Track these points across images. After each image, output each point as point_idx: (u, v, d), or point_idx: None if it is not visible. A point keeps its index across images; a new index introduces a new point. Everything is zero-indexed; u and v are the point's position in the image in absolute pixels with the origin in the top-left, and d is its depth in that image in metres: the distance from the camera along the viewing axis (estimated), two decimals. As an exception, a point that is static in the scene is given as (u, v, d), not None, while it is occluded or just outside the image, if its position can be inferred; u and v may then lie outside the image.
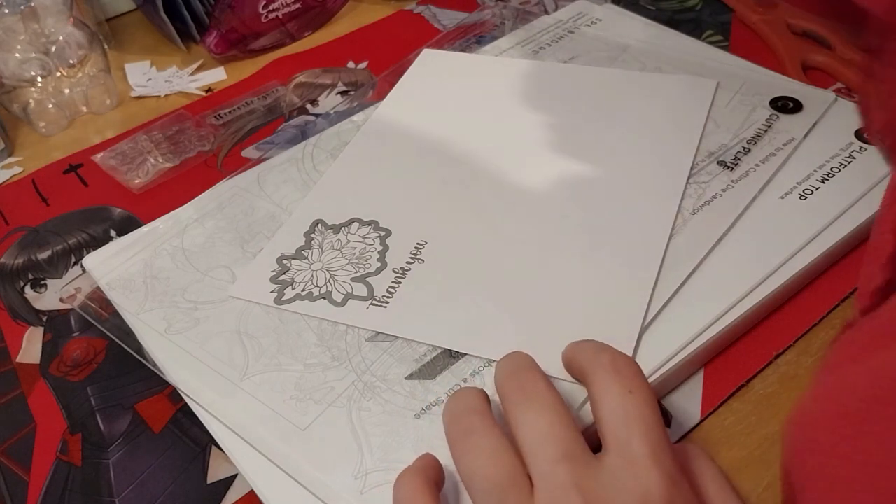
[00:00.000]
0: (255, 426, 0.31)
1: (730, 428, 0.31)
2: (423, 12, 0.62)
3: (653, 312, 0.34)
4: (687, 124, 0.44)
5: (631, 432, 0.25)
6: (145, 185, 0.47)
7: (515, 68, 0.50)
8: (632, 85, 0.47)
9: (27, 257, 0.44)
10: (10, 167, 0.51)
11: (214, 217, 0.42)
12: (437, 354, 0.33)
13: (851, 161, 0.40)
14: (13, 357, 0.38)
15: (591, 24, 0.54)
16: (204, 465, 0.33)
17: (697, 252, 0.36)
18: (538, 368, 0.29)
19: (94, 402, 0.36)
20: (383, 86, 0.51)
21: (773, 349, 0.34)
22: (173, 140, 0.50)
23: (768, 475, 0.30)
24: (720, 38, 0.54)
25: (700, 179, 0.40)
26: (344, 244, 0.39)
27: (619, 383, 0.26)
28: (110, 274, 0.39)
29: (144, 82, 0.57)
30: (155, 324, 0.36)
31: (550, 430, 0.26)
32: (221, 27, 0.57)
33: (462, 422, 0.27)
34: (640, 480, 0.24)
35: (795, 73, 0.48)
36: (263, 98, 0.54)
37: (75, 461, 0.33)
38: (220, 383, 0.33)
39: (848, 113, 0.44)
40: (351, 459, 0.30)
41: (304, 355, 0.34)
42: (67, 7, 0.52)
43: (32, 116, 0.52)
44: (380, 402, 0.32)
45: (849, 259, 0.37)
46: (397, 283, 0.36)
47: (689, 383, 0.33)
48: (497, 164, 0.43)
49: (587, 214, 0.39)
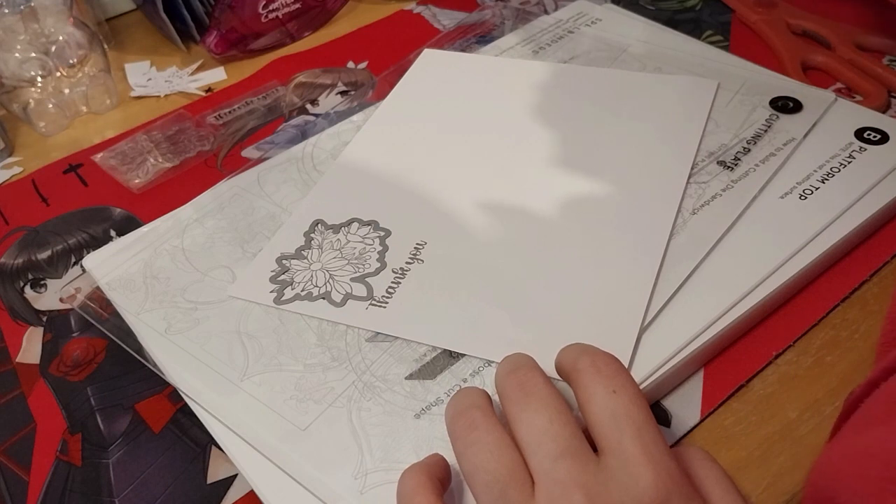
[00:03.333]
0: (255, 426, 0.31)
1: (730, 428, 0.31)
2: (423, 12, 0.62)
3: (653, 312, 0.34)
4: (687, 124, 0.44)
5: (622, 433, 0.25)
6: (145, 185, 0.47)
7: (515, 68, 0.50)
8: (632, 85, 0.47)
9: (27, 257, 0.44)
10: (10, 167, 0.51)
11: (214, 217, 0.42)
12: (437, 354, 0.33)
13: (851, 161, 0.40)
14: (13, 357, 0.38)
15: (591, 24, 0.54)
16: (204, 465, 0.33)
17: (697, 252, 0.36)
18: (538, 367, 0.29)
19: (94, 402, 0.36)
20: (383, 86, 0.51)
21: (773, 349, 0.34)
22: (173, 140, 0.50)
23: (768, 475, 0.30)
24: (720, 38, 0.54)
25: (700, 179, 0.40)
26: (344, 244, 0.39)
27: (602, 384, 0.26)
28: (110, 274, 0.39)
29: (144, 82, 0.57)
30: (155, 324, 0.36)
31: (550, 428, 0.26)
32: (221, 27, 0.57)
33: (464, 418, 0.27)
34: (636, 479, 0.24)
35: (795, 73, 0.48)
36: (263, 98, 0.54)
37: (75, 461, 0.33)
38: (220, 383, 0.33)
39: (848, 113, 0.44)
40: (351, 459, 0.30)
41: (304, 355, 0.34)
42: (67, 7, 0.52)
43: (32, 116, 0.52)
44: (380, 402, 0.32)
45: (849, 259, 0.37)
46: (397, 284, 0.36)
47: (689, 383, 0.33)
48: (497, 164, 0.43)
49: (587, 214, 0.39)
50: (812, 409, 0.32)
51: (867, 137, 0.41)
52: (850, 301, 0.36)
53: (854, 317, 0.35)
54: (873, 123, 0.42)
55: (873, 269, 0.37)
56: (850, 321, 0.35)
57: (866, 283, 0.36)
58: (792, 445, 0.31)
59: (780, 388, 0.33)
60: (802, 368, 0.33)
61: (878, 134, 0.41)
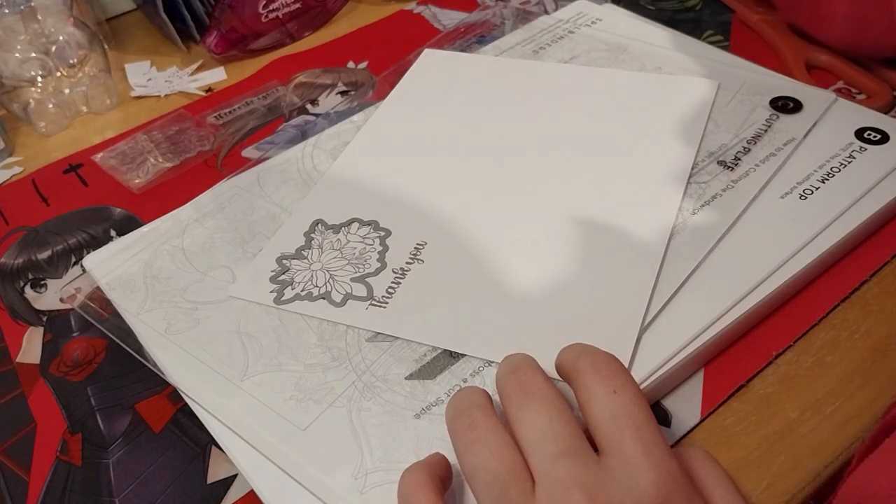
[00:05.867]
0: (255, 426, 0.31)
1: (730, 428, 0.31)
2: (423, 12, 0.62)
3: (653, 312, 0.34)
4: (688, 125, 0.44)
5: (622, 433, 0.25)
6: (145, 185, 0.47)
7: (515, 68, 0.50)
8: (632, 85, 0.47)
9: (27, 257, 0.44)
10: (10, 167, 0.51)
11: (214, 217, 0.42)
12: (437, 354, 0.33)
13: (851, 161, 0.40)
14: (13, 357, 0.38)
15: (591, 24, 0.54)
16: (204, 465, 0.33)
17: (697, 252, 0.36)
18: (538, 367, 0.29)
19: (94, 402, 0.36)
20: (383, 86, 0.51)
21: (773, 349, 0.34)
22: (173, 140, 0.50)
23: (768, 475, 0.30)
24: (720, 38, 0.54)
25: (700, 179, 0.40)
26: (344, 244, 0.39)
27: (602, 384, 0.26)
28: (110, 274, 0.39)
29: (144, 82, 0.57)
30: (155, 324, 0.36)
31: (550, 427, 0.26)
32: (221, 27, 0.57)
33: (464, 417, 0.27)
34: (636, 479, 0.24)
35: (800, 73, 0.48)
36: (263, 98, 0.54)
37: (75, 461, 0.33)
38: (220, 383, 0.33)
39: (848, 113, 0.44)
40: (351, 459, 0.30)
41: (304, 355, 0.34)
42: (67, 7, 0.52)
43: (32, 116, 0.52)
44: (380, 403, 0.32)
45: (849, 259, 0.37)
46: (397, 284, 0.36)
47: (689, 383, 0.33)
48: (497, 164, 0.43)
49: (587, 214, 0.39)
50: (812, 409, 0.32)
51: (867, 137, 0.41)
52: (850, 301, 0.36)
53: (854, 317, 0.35)
54: (874, 123, 0.42)
55: (873, 269, 0.37)
56: (850, 321, 0.35)
57: (866, 283, 0.36)
58: (792, 445, 0.31)
59: (780, 388, 0.33)
60: (802, 368, 0.33)
61: (878, 134, 0.41)
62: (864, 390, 0.32)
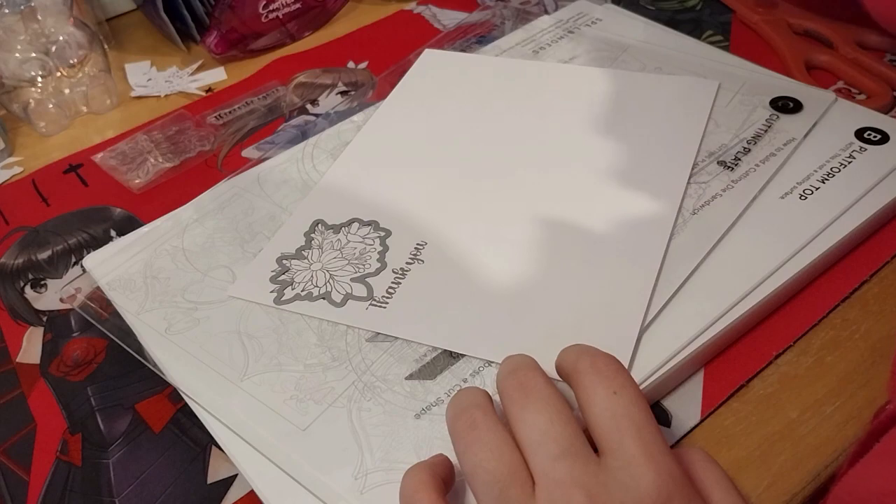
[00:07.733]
0: (255, 426, 0.31)
1: (730, 428, 0.31)
2: (423, 12, 0.62)
3: (653, 312, 0.34)
4: (687, 125, 0.44)
5: (622, 434, 0.25)
6: (145, 185, 0.47)
7: (516, 68, 0.50)
8: (632, 85, 0.47)
9: (27, 257, 0.44)
10: (10, 167, 0.51)
11: (214, 217, 0.42)
12: (437, 355, 0.33)
13: (851, 161, 0.40)
14: (13, 357, 0.38)
15: (591, 24, 0.54)
16: (204, 465, 0.33)
17: (697, 252, 0.36)
18: (538, 367, 0.29)
19: (94, 402, 0.36)
20: (383, 86, 0.51)
21: (773, 349, 0.34)
22: (173, 140, 0.50)
23: (768, 475, 0.30)
24: (720, 38, 0.54)
25: (700, 179, 0.40)
26: (344, 244, 0.39)
27: (603, 385, 0.26)
28: (110, 274, 0.39)
29: (144, 82, 0.57)
30: (155, 324, 0.36)
31: (551, 428, 0.26)
32: (221, 27, 0.57)
33: (465, 417, 0.27)
34: (637, 480, 0.24)
35: (800, 73, 0.48)
36: (263, 98, 0.54)
37: (75, 461, 0.33)
38: (220, 383, 0.33)
39: (848, 113, 0.44)
40: (351, 459, 0.30)
41: (304, 355, 0.34)
42: (67, 7, 0.52)
43: (32, 116, 0.52)
44: (380, 403, 0.32)
45: (849, 259, 0.37)
46: (397, 284, 0.36)
47: (689, 383, 0.33)
48: (497, 164, 0.43)
49: (587, 214, 0.39)
50: (812, 409, 0.32)
51: (867, 137, 0.41)
52: (850, 301, 0.36)
53: (854, 317, 0.35)
54: (873, 123, 0.42)
55: (873, 269, 0.37)
56: (850, 321, 0.35)
57: (866, 283, 0.36)
58: (792, 445, 0.31)
59: (780, 388, 0.33)
60: (802, 368, 0.33)
61: (878, 134, 0.41)
62: (865, 390, 0.32)
